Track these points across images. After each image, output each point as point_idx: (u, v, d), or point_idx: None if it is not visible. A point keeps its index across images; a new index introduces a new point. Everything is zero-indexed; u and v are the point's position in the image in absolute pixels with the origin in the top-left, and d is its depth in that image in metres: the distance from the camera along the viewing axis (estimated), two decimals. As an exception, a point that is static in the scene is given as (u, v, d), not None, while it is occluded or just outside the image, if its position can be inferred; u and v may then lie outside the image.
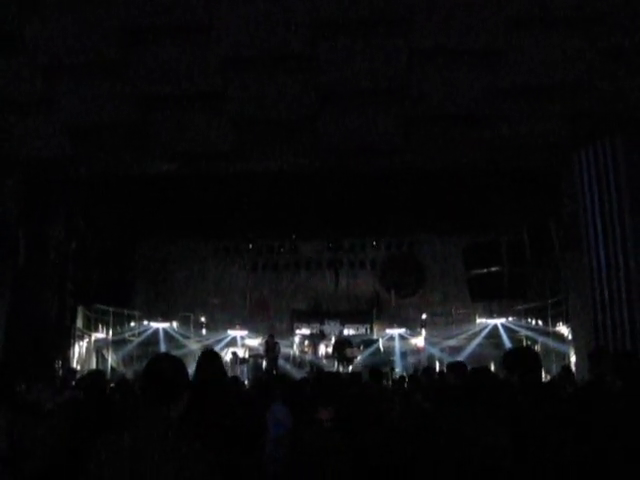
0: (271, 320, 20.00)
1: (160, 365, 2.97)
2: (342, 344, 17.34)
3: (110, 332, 17.48)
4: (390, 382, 13.64)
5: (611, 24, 9.21)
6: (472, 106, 10.33)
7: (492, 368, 13.85)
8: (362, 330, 19.72)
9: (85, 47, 9.38)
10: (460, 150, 11.50)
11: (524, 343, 16.83)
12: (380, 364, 17.01)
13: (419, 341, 18.70)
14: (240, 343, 18.89)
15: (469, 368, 5.20)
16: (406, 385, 10.22)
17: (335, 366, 16.79)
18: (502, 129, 10.79)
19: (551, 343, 15.74)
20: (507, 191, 14.38)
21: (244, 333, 19.05)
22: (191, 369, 13.68)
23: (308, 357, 18.07)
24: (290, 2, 8.97)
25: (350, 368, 16.56)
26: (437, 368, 15.09)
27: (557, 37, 9.46)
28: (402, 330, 18.76)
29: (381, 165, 12.28)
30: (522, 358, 4.02)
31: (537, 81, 9.98)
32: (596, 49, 9.49)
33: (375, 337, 19.06)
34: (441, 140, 10.91)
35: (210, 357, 4.81)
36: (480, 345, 17.55)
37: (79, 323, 16.11)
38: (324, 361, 17.73)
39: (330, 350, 17.77)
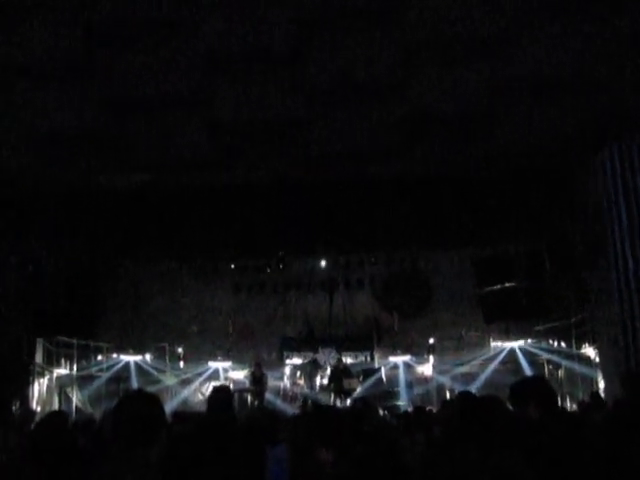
0: (257, 349, 19.96)
1: (133, 403, 2.99)
2: (339, 374, 17.30)
3: (74, 367, 17.38)
4: (391, 415, 13.60)
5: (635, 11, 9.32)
6: (478, 103, 10.44)
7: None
8: (361, 358, 19.69)
9: (48, 47, 9.43)
10: (466, 153, 11.62)
11: (545, 368, 16.91)
12: (382, 396, 17.07)
13: (426, 369, 18.71)
14: (223, 376, 18.82)
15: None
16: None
17: (331, 400, 16.75)
18: (513, 129, 10.90)
19: (576, 367, 15.80)
20: (522, 197, 14.49)
21: (227, 365, 19.01)
22: (168, 406, 13.55)
23: (301, 390, 18.02)
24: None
25: (348, 401, 16.54)
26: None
27: (574, 24, 9.54)
28: (407, 357, 18.76)
29: (379, 172, 12.41)
30: (532, 390, 4.05)
31: (552, 74, 10.07)
32: (617, 41, 9.59)
33: (376, 366, 19.07)
34: (444, 142, 11.01)
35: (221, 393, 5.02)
36: (496, 372, 17.56)
37: (38, 358, 16.01)
38: (319, 394, 17.68)
39: (326, 382, 17.73)
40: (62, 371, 17.06)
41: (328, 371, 18.11)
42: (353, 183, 13.61)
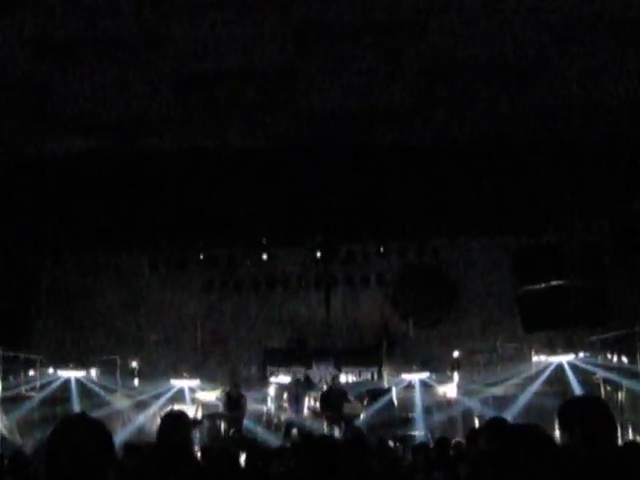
0: (234, 363, 20.02)
1: (73, 432, 3.01)
2: (336, 397, 17.33)
3: (-1, 385, 17.44)
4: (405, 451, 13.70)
5: None
6: (518, 52, 10.43)
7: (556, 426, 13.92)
8: (367, 375, 19.75)
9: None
10: (504, 113, 11.61)
11: (601, 389, 16.95)
12: (393, 424, 17.13)
13: (450, 390, 18.78)
14: (189, 398, 18.84)
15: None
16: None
17: (325, 428, 16.80)
18: (572, 81, 10.86)
19: (641, 388, 15.92)
20: (578, 172, 14.47)
21: (195, 383, 19.03)
22: (118, 436, 13.63)
23: (288, 416, 18.08)
24: None
25: (348, 431, 16.57)
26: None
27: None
28: (425, 375, 18.77)
29: (389, 137, 12.39)
30: (584, 411, 4.10)
31: (615, 14, 10.01)
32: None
33: (386, 385, 19.09)
34: (474, 99, 11.01)
35: (175, 421, 5.10)
36: (538, 394, 17.56)
37: (-47, 373, 16.02)
38: (310, 421, 17.74)
39: (320, 405, 17.73)
40: (-18, 391, 17.08)
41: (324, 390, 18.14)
42: (356, 151, 13.61)
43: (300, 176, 14.64)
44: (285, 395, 18.71)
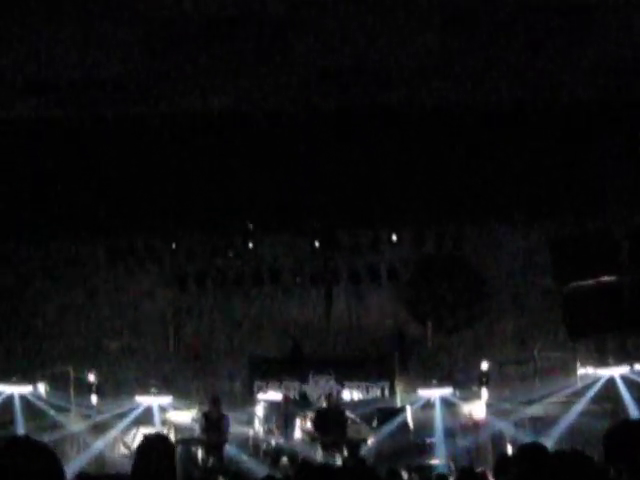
0: (213, 377, 20.03)
1: (14, 460, 2.99)
2: (334, 417, 17.33)
3: None
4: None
5: None
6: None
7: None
8: (376, 392, 19.84)
9: None
10: (543, 72, 11.60)
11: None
12: (408, 451, 17.15)
13: (477, 409, 18.83)
14: (159, 418, 18.89)
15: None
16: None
17: (319, 456, 16.79)
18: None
19: None
20: (631, 144, 14.47)
21: (165, 401, 19.06)
22: (72, 465, 13.61)
23: (279, 441, 18.10)
24: None
25: (352, 459, 16.58)
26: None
27: None
28: (447, 390, 18.85)
29: (401, 100, 12.37)
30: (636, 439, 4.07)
31: None
32: None
33: (399, 404, 19.16)
34: (505, 54, 11.00)
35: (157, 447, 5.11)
36: (585, 414, 17.66)
37: None
38: (308, 448, 17.74)
39: (314, 428, 17.69)
40: None
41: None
42: (362, 117, 13.59)
43: (294, 147, 14.64)
44: (275, 416, 18.70)
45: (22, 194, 16.07)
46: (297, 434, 18.20)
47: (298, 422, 18.31)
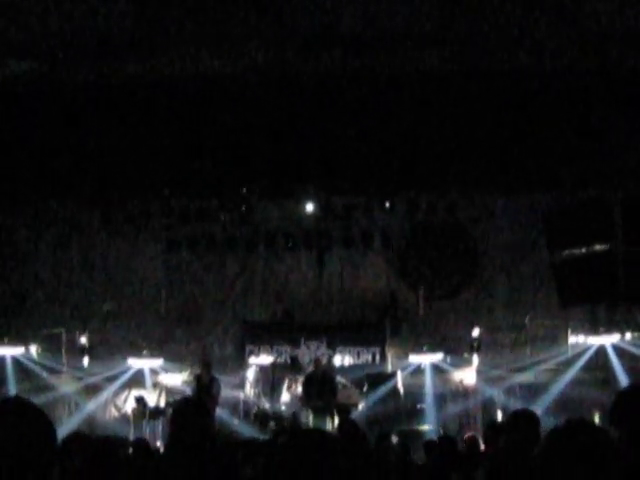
0: (205, 340, 20.06)
1: (5, 421, 2.96)
2: (321, 382, 17.34)
3: None
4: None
5: None
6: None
7: (597, 422, 13.94)
8: (367, 357, 19.79)
9: None
10: (541, 36, 11.56)
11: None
12: (398, 417, 17.20)
13: (468, 376, 18.87)
14: (150, 381, 18.94)
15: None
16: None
17: (310, 420, 16.82)
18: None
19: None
20: (624, 112, 14.43)
21: (157, 363, 19.08)
22: (64, 427, 13.62)
23: (270, 405, 18.14)
24: None
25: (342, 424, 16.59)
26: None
27: None
28: (438, 356, 18.87)
29: (397, 65, 12.32)
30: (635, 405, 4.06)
31: None
32: None
33: (390, 369, 19.18)
34: (508, 19, 10.95)
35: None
36: (576, 382, 17.72)
37: None
38: (300, 411, 17.78)
39: (302, 392, 17.69)
40: None
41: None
42: (356, 80, 13.52)
43: (287, 110, 14.57)
44: (263, 380, 18.71)
45: (15, 158, 16.01)
46: (285, 398, 18.26)
47: (287, 386, 18.37)
